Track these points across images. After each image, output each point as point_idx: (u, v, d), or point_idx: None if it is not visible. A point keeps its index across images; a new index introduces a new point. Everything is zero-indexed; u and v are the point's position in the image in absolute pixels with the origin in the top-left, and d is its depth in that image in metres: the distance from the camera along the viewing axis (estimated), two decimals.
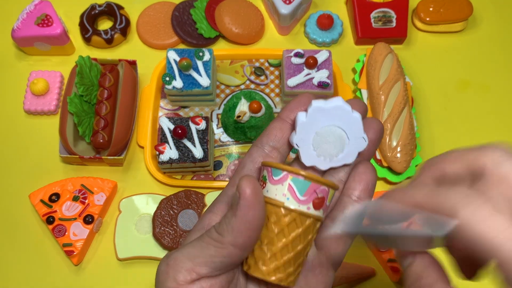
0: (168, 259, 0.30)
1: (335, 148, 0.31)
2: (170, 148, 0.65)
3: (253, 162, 0.33)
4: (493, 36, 0.83)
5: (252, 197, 0.28)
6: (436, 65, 0.80)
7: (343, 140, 0.31)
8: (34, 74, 0.75)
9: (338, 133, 0.31)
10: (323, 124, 0.31)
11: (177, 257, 0.29)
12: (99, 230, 0.67)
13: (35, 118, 0.74)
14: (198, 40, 0.78)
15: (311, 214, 0.30)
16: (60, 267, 0.65)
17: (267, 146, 0.33)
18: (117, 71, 0.71)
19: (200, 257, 0.29)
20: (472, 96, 0.78)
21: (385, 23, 0.79)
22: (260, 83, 0.76)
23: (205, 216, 0.33)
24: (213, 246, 0.29)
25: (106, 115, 0.68)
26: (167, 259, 0.30)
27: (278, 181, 0.30)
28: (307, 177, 0.29)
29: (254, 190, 0.28)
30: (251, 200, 0.28)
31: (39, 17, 0.74)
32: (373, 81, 0.71)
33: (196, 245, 0.29)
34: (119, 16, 0.78)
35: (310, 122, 0.31)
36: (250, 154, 0.33)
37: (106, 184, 0.67)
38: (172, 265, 0.29)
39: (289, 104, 0.33)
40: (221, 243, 0.28)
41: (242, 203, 0.28)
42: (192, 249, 0.29)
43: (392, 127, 0.68)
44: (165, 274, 0.29)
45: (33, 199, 0.66)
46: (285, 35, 0.82)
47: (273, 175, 0.30)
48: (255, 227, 0.28)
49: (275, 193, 0.30)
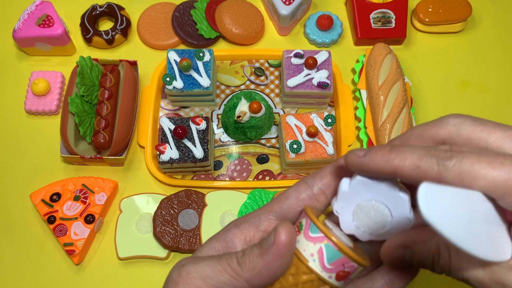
0: (181, 269, 0.30)
1: (375, 223, 0.30)
2: (171, 148, 0.65)
3: (298, 199, 0.31)
4: (492, 36, 0.83)
5: (284, 248, 0.28)
6: (435, 65, 0.80)
7: (385, 217, 0.30)
8: (35, 74, 0.75)
9: (381, 209, 0.30)
10: (366, 197, 0.29)
11: (190, 272, 0.29)
12: (100, 230, 0.68)
13: (36, 118, 0.75)
14: (199, 41, 0.78)
15: (331, 283, 0.29)
16: (61, 267, 0.65)
17: (317, 187, 0.31)
18: (117, 71, 0.72)
19: (213, 280, 0.29)
20: (471, 96, 0.78)
21: (385, 23, 0.79)
22: (260, 83, 0.77)
23: (230, 229, 0.32)
24: (229, 275, 0.29)
25: (107, 115, 0.68)
26: (180, 270, 0.30)
27: (312, 239, 0.29)
28: (340, 249, 0.28)
29: (289, 241, 0.28)
30: (283, 250, 0.28)
31: (40, 18, 0.74)
32: (372, 81, 0.72)
33: (212, 265, 0.29)
34: (120, 16, 0.79)
35: (352, 192, 0.29)
36: (297, 189, 0.32)
37: (107, 184, 0.67)
38: (184, 277, 0.29)
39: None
40: (238, 275, 0.28)
41: (273, 251, 0.28)
42: (208, 268, 0.29)
43: (392, 127, 0.68)
44: (175, 284, 0.29)
45: (34, 199, 0.66)
46: (285, 36, 0.82)
47: (310, 231, 0.29)
48: (276, 275, 0.28)
49: (304, 248, 0.29)
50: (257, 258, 0.28)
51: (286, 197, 0.32)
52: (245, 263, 0.28)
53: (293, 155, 0.65)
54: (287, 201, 0.32)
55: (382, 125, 0.69)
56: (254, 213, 0.32)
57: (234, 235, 0.32)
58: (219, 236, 0.32)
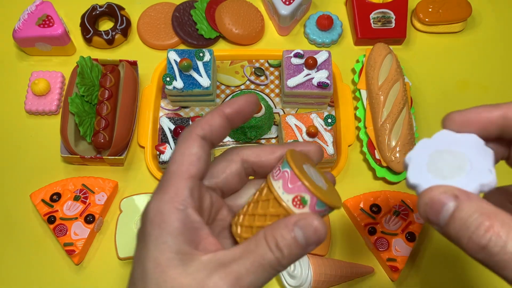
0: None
1: (450, 170, 0.28)
2: (171, 148, 0.65)
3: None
4: (492, 36, 0.83)
5: None
6: (435, 65, 0.80)
7: (463, 165, 0.28)
8: (35, 74, 0.75)
9: (460, 157, 0.28)
10: (449, 147, 0.28)
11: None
12: (100, 230, 0.68)
13: (36, 118, 0.75)
14: (199, 41, 0.78)
15: (283, 199, 0.30)
16: (61, 267, 0.65)
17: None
18: (118, 71, 0.72)
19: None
20: (471, 96, 0.78)
21: (384, 23, 0.79)
22: (260, 83, 0.77)
23: None
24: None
25: (107, 115, 0.68)
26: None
27: (290, 190, 0.30)
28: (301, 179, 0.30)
29: None
30: None
31: (40, 18, 0.75)
32: (372, 81, 0.72)
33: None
34: (120, 16, 0.79)
35: (434, 142, 0.29)
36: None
37: (107, 184, 0.67)
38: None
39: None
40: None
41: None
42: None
43: (391, 127, 0.68)
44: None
45: (34, 199, 0.66)
46: (285, 36, 0.82)
47: (289, 182, 0.30)
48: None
49: (278, 186, 0.31)
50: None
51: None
52: None
53: None
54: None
55: (382, 125, 0.69)
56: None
57: None
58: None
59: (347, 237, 0.68)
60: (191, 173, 0.30)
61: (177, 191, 0.29)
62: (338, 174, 0.70)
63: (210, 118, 0.32)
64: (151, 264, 0.28)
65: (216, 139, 0.32)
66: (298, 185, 0.29)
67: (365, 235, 0.66)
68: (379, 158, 0.69)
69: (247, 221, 0.31)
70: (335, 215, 0.69)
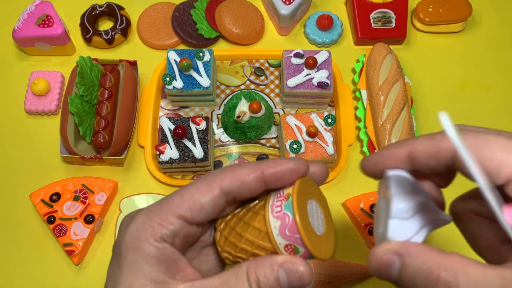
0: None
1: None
2: (171, 148, 0.65)
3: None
4: (492, 36, 0.83)
5: None
6: (436, 65, 0.80)
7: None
8: (34, 74, 0.75)
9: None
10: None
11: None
12: (100, 230, 0.68)
13: (35, 118, 0.74)
14: (198, 41, 0.78)
15: (276, 241, 0.29)
16: (61, 267, 0.65)
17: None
18: (117, 71, 0.72)
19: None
20: (472, 96, 0.78)
21: (385, 23, 0.79)
22: (260, 83, 0.77)
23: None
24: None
25: (106, 115, 0.68)
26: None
27: (286, 237, 0.29)
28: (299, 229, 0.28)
29: None
30: None
31: (40, 18, 0.74)
32: (372, 81, 0.72)
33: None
34: (120, 16, 0.79)
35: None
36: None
37: (106, 184, 0.67)
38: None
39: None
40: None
41: None
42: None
43: (392, 127, 0.68)
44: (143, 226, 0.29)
45: (34, 199, 0.66)
46: (285, 36, 0.82)
47: (287, 229, 0.29)
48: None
49: (274, 213, 0.29)
50: None
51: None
52: None
53: (293, 155, 0.65)
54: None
55: (382, 125, 0.69)
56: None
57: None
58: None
59: (347, 237, 0.68)
60: (185, 216, 0.29)
61: (162, 224, 0.28)
62: (338, 174, 0.70)
63: (245, 175, 0.29)
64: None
65: (242, 197, 0.30)
66: (296, 237, 0.28)
67: (365, 235, 0.66)
68: None
69: (233, 237, 0.30)
70: (336, 215, 0.69)
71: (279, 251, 0.29)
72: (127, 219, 0.30)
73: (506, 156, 0.25)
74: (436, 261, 0.25)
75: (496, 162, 0.25)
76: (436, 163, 0.27)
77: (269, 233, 0.29)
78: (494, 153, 0.25)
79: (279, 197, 0.30)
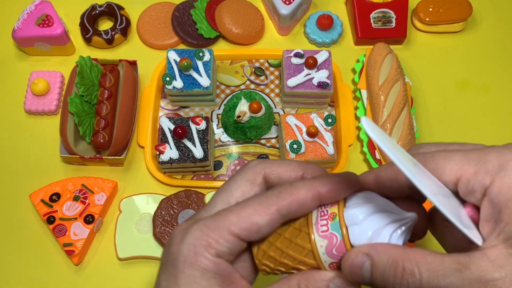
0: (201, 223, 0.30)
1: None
2: (171, 148, 0.65)
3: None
4: (492, 36, 0.83)
5: None
6: (436, 65, 0.80)
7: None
8: (34, 74, 0.75)
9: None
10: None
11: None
12: (100, 230, 0.67)
13: (35, 118, 0.74)
14: (198, 41, 0.78)
15: (321, 259, 0.30)
16: (61, 267, 0.65)
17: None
18: (117, 71, 0.72)
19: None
20: (472, 96, 0.78)
21: (385, 23, 0.79)
22: (260, 83, 0.77)
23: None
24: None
25: (106, 115, 0.68)
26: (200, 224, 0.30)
27: (333, 256, 0.29)
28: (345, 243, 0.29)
29: None
30: None
31: (40, 18, 0.74)
32: (372, 81, 0.71)
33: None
34: (120, 16, 0.79)
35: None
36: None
37: (106, 184, 0.67)
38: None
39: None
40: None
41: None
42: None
43: (392, 127, 0.68)
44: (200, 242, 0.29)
45: (33, 199, 0.66)
46: (285, 36, 0.82)
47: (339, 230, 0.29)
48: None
49: (320, 230, 0.30)
50: None
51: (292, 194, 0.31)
52: None
53: (293, 155, 0.65)
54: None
55: (383, 125, 0.69)
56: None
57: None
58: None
59: None
60: (241, 236, 0.29)
61: (219, 241, 0.29)
62: None
63: (303, 196, 0.29)
64: None
65: (295, 216, 0.30)
66: (342, 256, 0.29)
67: None
68: (379, 158, 0.69)
69: (272, 251, 0.31)
70: None
71: (322, 267, 0.30)
72: (181, 231, 0.30)
73: (446, 162, 0.27)
74: (400, 254, 0.27)
75: (439, 169, 0.27)
76: (398, 185, 0.30)
77: (314, 251, 0.30)
78: (436, 160, 0.28)
79: (324, 216, 0.30)
